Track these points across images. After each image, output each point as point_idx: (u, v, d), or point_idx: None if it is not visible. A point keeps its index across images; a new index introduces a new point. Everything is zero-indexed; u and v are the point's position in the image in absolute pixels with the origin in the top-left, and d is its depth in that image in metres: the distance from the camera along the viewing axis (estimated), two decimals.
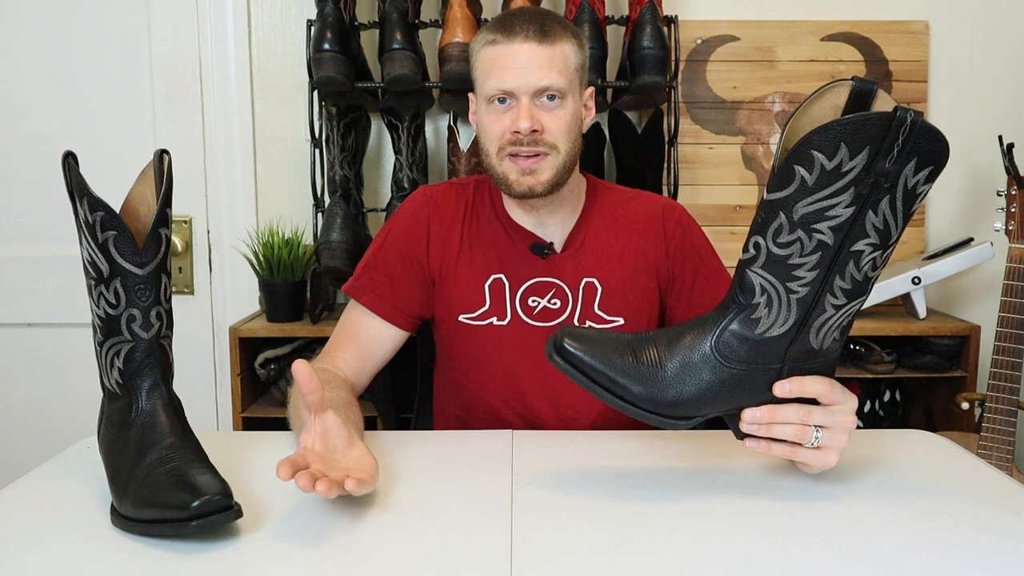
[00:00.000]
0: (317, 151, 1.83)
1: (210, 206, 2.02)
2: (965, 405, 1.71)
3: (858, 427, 0.84)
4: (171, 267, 0.80)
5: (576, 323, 1.14)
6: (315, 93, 1.80)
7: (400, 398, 1.41)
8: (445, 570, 0.66)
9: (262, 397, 1.90)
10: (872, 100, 0.71)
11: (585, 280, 1.15)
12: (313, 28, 1.70)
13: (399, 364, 1.22)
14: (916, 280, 1.78)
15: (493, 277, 1.15)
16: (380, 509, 0.78)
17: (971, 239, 1.81)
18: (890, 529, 0.74)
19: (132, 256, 0.76)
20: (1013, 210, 1.63)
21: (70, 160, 0.77)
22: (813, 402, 0.79)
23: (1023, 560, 0.68)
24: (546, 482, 0.84)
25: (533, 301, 1.14)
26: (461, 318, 1.15)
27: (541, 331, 1.13)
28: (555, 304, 1.14)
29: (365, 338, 1.15)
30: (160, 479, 0.72)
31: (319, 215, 1.81)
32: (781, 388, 0.78)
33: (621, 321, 1.15)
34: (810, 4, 1.99)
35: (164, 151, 0.80)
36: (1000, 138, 1.71)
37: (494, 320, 1.15)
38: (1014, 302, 1.60)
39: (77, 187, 0.76)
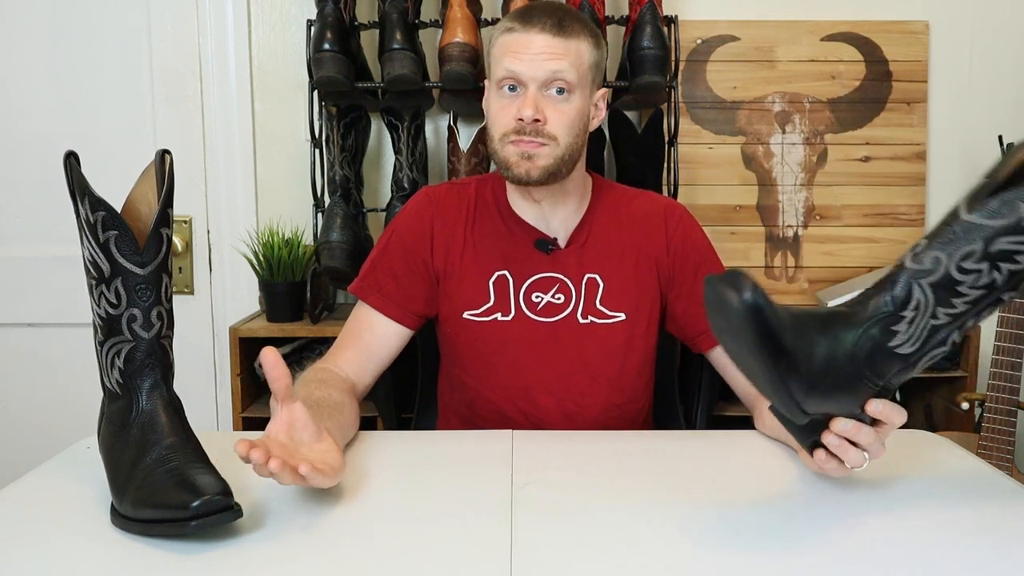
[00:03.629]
0: (317, 151, 1.83)
1: (210, 206, 2.02)
2: (965, 405, 1.71)
3: None
4: (172, 267, 0.80)
5: (579, 318, 1.15)
6: (315, 93, 1.80)
7: (401, 398, 1.41)
8: (445, 570, 0.66)
9: (262, 397, 1.89)
10: None
11: (588, 276, 1.16)
12: (313, 28, 1.70)
13: (400, 364, 1.22)
14: None
15: (497, 274, 1.15)
16: (380, 509, 0.78)
17: None
18: (890, 529, 0.74)
19: (133, 256, 0.76)
20: None
21: (72, 160, 0.77)
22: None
23: (1023, 560, 0.68)
24: (546, 482, 0.85)
25: (537, 297, 1.15)
26: (465, 315, 1.16)
27: (545, 326, 1.15)
28: (559, 299, 1.15)
29: (369, 336, 1.15)
30: (160, 479, 0.72)
31: (319, 215, 1.81)
32: (875, 407, 0.76)
33: (622, 316, 1.15)
34: (810, 4, 1.99)
35: (166, 151, 0.80)
36: (1000, 138, 1.71)
37: (498, 316, 1.15)
38: (1014, 302, 1.60)
39: (79, 187, 0.76)
